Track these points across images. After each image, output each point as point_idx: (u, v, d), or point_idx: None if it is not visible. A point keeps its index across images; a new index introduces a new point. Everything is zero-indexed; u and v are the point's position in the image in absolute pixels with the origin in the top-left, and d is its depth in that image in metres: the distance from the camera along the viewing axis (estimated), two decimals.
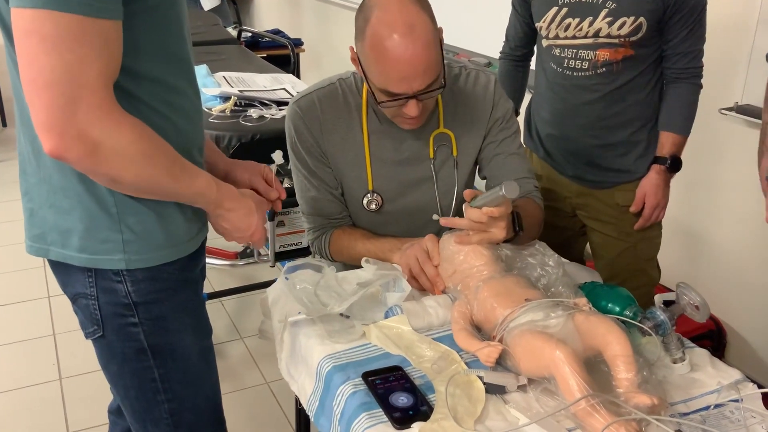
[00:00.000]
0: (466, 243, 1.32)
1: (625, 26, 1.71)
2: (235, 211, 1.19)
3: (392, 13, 1.29)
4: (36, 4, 0.87)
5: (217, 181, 1.15)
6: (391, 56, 1.29)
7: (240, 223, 1.20)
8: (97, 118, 0.92)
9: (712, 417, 1.09)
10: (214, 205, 1.16)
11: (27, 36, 0.88)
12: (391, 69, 1.31)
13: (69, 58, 0.89)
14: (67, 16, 0.88)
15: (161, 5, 1.03)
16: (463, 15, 3.58)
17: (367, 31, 1.32)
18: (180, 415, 1.24)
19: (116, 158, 0.96)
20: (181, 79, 1.12)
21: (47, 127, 0.91)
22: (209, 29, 4.27)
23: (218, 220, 1.20)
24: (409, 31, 1.28)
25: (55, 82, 0.89)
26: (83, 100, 0.91)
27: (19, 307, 2.96)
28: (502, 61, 2.14)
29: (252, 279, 3.19)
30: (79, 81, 0.90)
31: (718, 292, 2.58)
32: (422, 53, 1.30)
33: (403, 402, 1.07)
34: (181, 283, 1.19)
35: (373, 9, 1.32)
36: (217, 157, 1.37)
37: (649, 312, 1.21)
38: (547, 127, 1.97)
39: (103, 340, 1.18)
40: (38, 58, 0.89)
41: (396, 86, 1.33)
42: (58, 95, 0.90)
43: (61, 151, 0.93)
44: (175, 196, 1.10)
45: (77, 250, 1.10)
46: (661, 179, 1.85)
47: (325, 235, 1.60)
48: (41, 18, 0.87)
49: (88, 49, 0.90)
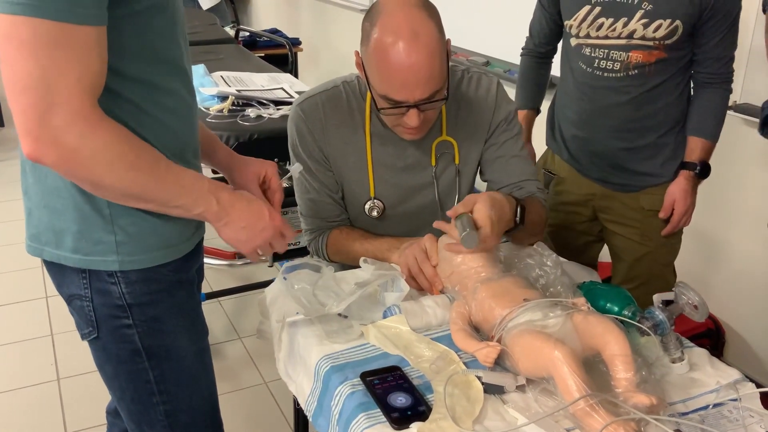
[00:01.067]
0: (455, 252, 1.31)
1: (661, 29, 1.68)
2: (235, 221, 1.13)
3: (398, 18, 1.28)
4: (15, 11, 0.87)
5: (215, 182, 1.12)
6: (393, 62, 1.28)
7: (240, 235, 1.15)
8: (73, 123, 0.92)
9: (711, 416, 1.09)
10: (215, 215, 1.10)
11: (6, 41, 0.89)
12: (392, 75, 1.30)
13: (45, 64, 0.90)
14: (45, 23, 0.88)
15: (150, 9, 1.02)
16: (461, 14, 3.58)
17: (372, 35, 1.30)
18: (176, 417, 1.24)
19: (93, 163, 0.96)
20: (174, 81, 1.11)
21: (24, 131, 0.92)
22: (207, 28, 4.26)
23: (223, 229, 1.14)
24: (414, 38, 1.27)
25: (31, 87, 0.90)
26: (60, 105, 0.91)
27: (17, 308, 2.96)
28: (524, 57, 2.10)
29: (250, 279, 3.19)
30: (56, 86, 0.91)
31: (716, 291, 2.58)
32: (425, 61, 1.28)
33: (402, 402, 1.07)
34: (176, 285, 1.19)
35: (379, 14, 1.31)
36: (218, 149, 1.34)
37: (647, 311, 1.21)
38: (572, 128, 1.93)
39: (98, 341, 1.17)
40: (16, 63, 0.90)
41: (397, 93, 1.32)
42: (35, 100, 0.90)
43: (37, 155, 0.94)
44: (164, 201, 1.06)
45: (71, 250, 1.10)
46: (690, 185, 1.82)
47: (322, 235, 1.59)
48: (19, 24, 0.88)
49: (65, 55, 0.91)
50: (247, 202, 1.15)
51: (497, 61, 3.36)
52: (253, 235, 1.16)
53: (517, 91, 2.12)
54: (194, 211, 1.09)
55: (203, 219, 1.12)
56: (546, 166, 2.06)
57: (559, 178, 2.01)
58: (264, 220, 1.15)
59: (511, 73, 3.11)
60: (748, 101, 2.29)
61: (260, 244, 1.17)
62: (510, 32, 2.80)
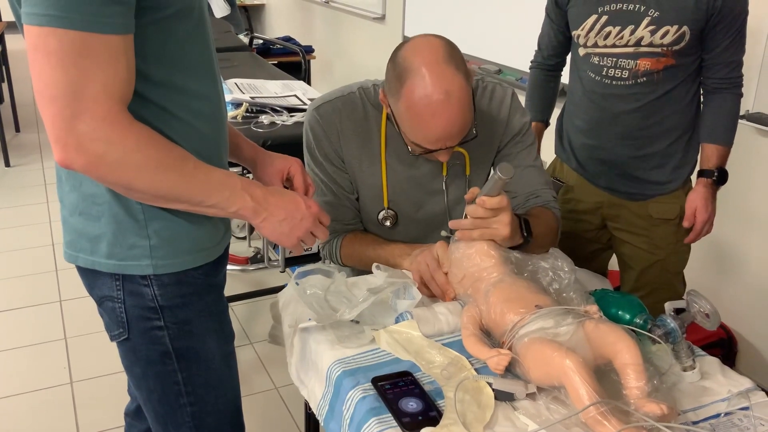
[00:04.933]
0: (467, 238, 1.32)
1: (668, 35, 1.69)
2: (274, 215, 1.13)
3: (429, 79, 1.29)
4: (41, 22, 0.90)
5: (247, 180, 1.12)
6: (427, 121, 1.31)
7: (282, 228, 1.14)
8: (99, 129, 0.94)
9: (722, 425, 1.09)
10: (252, 211, 1.11)
11: (34, 51, 0.92)
12: (427, 131, 1.33)
13: (72, 73, 0.92)
14: (70, 33, 0.91)
15: (175, 15, 1.04)
16: (474, 22, 3.59)
17: (403, 92, 1.32)
18: (202, 419, 1.25)
19: (122, 167, 0.98)
20: (203, 85, 1.13)
21: (53, 138, 0.95)
22: (221, 36, 4.30)
23: (263, 225, 1.14)
24: (447, 98, 1.28)
25: (59, 96, 0.92)
26: (86, 112, 0.93)
27: (31, 311, 2.98)
28: (534, 71, 2.11)
29: (262, 284, 3.21)
30: (82, 94, 0.93)
31: (728, 300, 2.57)
32: (458, 117, 1.31)
33: (413, 407, 1.08)
34: (206, 288, 1.20)
35: (408, 72, 1.31)
36: (242, 145, 1.36)
37: (659, 320, 1.21)
38: (581, 136, 1.94)
39: (128, 342, 1.19)
40: (44, 73, 0.92)
41: (431, 144, 1.36)
42: (62, 108, 0.93)
43: (67, 161, 0.96)
44: (198, 200, 1.06)
45: (105, 256, 1.12)
46: (710, 192, 1.81)
47: (336, 239, 1.60)
48: (46, 34, 0.90)
49: (91, 64, 0.93)
50: (280, 195, 1.15)
51: (509, 69, 3.36)
52: (294, 227, 1.15)
53: (526, 103, 2.13)
54: (230, 209, 1.09)
55: (241, 218, 1.13)
56: (555, 175, 2.06)
57: (567, 186, 2.01)
58: (301, 210, 1.16)
59: (523, 81, 3.12)
60: (761, 110, 2.28)
61: (302, 234, 1.17)
62: (522, 40, 2.81)
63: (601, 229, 2.01)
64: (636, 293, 1.90)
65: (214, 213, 1.09)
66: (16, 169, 4.42)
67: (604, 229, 2.01)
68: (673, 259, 1.92)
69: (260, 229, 1.15)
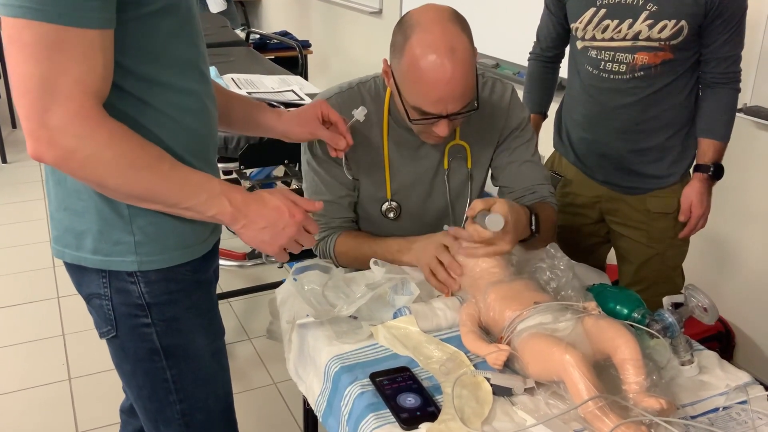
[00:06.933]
0: (472, 256, 1.33)
1: (666, 29, 1.68)
2: (254, 222, 1.11)
3: (434, 33, 1.29)
4: (17, 14, 0.89)
5: (227, 184, 1.10)
6: (429, 77, 1.29)
7: (262, 236, 1.12)
8: (70, 124, 0.94)
9: (720, 419, 1.09)
10: (230, 217, 1.09)
11: (9, 43, 0.91)
12: (428, 90, 1.31)
13: (45, 66, 0.91)
14: (45, 26, 0.90)
15: (159, 12, 1.02)
16: (471, 16, 3.58)
17: (406, 49, 1.31)
18: (192, 416, 1.25)
19: (93, 163, 0.97)
20: (189, 82, 1.11)
21: (26, 131, 0.94)
22: (217, 31, 4.28)
23: (242, 231, 1.12)
24: (451, 54, 1.28)
25: (32, 89, 0.92)
26: (58, 106, 0.93)
27: (29, 308, 2.98)
28: (532, 62, 2.10)
29: (260, 280, 3.20)
30: (55, 88, 0.92)
31: (726, 294, 2.57)
32: (461, 76, 1.29)
33: (411, 403, 1.08)
34: (195, 285, 1.20)
35: (414, 27, 1.31)
36: (271, 119, 1.41)
37: (657, 314, 1.21)
38: (579, 130, 1.94)
39: (116, 340, 1.18)
40: (18, 65, 0.92)
41: (431, 107, 1.33)
42: (34, 102, 0.92)
43: (37, 154, 0.96)
44: (173, 202, 1.05)
45: (91, 252, 1.11)
46: (705, 187, 1.82)
47: (330, 238, 1.60)
48: (21, 26, 0.90)
49: (65, 58, 0.92)
50: (263, 202, 1.11)
51: (507, 63, 3.36)
52: (276, 235, 1.12)
53: (524, 95, 2.12)
54: (207, 214, 1.08)
55: (219, 222, 1.11)
56: (553, 168, 2.06)
57: (565, 180, 2.01)
58: (284, 217, 1.12)
59: (521, 75, 3.11)
60: (759, 104, 2.28)
61: (285, 242, 1.14)
62: (520, 34, 2.80)
63: (600, 222, 2.01)
64: (634, 287, 1.90)
65: (191, 216, 1.08)
66: (12, 165, 4.41)
67: (602, 223, 2.01)
68: (671, 253, 1.92)
69: (240, 235, 1.12)
